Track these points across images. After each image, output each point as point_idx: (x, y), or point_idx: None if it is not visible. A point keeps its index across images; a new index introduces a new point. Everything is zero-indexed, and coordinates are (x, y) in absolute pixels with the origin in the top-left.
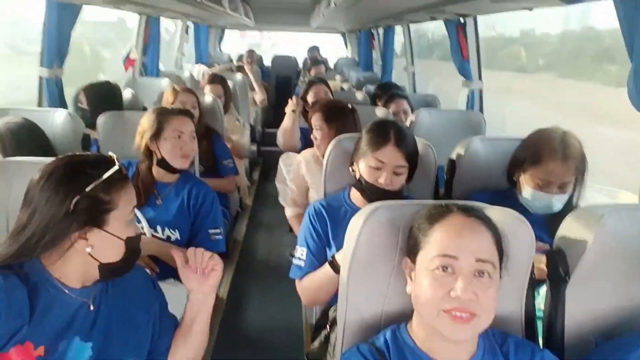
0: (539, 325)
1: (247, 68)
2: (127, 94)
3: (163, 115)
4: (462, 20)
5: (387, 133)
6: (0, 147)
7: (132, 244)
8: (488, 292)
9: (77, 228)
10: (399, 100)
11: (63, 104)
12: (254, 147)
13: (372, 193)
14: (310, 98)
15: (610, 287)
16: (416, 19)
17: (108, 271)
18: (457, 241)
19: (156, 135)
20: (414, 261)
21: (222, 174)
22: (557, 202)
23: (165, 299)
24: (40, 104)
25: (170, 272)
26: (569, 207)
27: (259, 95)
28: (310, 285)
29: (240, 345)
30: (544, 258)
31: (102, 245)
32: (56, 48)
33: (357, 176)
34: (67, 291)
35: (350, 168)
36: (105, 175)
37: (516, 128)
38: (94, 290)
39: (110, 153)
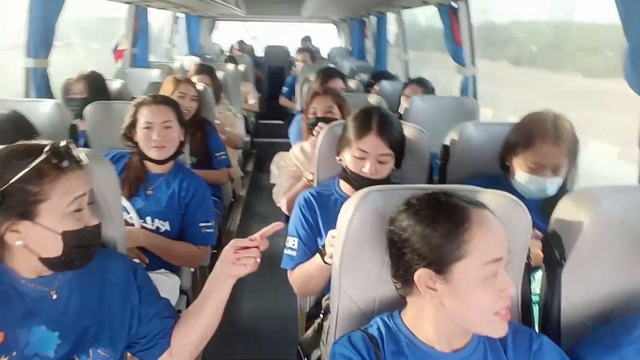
0: (535, 309)
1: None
2: (116, 84)
3: (137, 106)
4: (454, 5)
5: (369, 122)
6: None
7: (72, 238)
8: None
9: (5, 220)
10: (414, 85)
11: (50, 96)
12: (248, 138)
13: (358, 183)
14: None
15: (607, 270)
16: (408, 4)
17: (51, 265)
18: (498, 242)
19: (132, 126)
20: (442, 271)
21: (214, 166)
22: (551, 185)
23: (150, 285)
24: (27, 96)
25: (160, 263)
26: (562, 191)
27: (253, 104)
28: (301, 276)
29: (234, 336)
30: (539, 243)
31: (36, 239)
32: (41, 38)
33: (344, 165)
34: (22, 281)
35: (337, 157)
36: (30, 166)
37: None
38: (57, 279)
39: (44, 141)
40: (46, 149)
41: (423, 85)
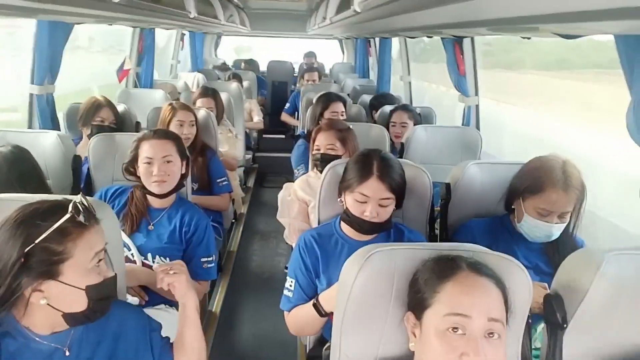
0: None
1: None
2: (120, 108)
3: (139, 141)
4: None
5: (370, 166)
6: None
7: (95, 292)
8: (498, 354)
9: (30, 282)
10: (400, 112)
11: (55, 121)
12: (249, 155)
13: (360, 226)
14: (327, 115)
15: (610, 333)
16: (412, 35)
17: (74, 320)
18: (470, 300)
19: (134, 160)
20: (418, 317)
21: (215, 192)
22: (557, 231)
23: (161, 342)
24: (30, 124)
25: (160, 298)
26: (565, 234)
27: (257, 122)
28: (296, 320)
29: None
30: (542, 291)
31: (61, 296)
32: (47, 65)
33: (345, 208)
34: (37, 338)
35: (338, 199)
36: (55, 226)
37: None
38: (69, 335)
39: (68, 197)
40: (70, 207)
41: (409, 111)
